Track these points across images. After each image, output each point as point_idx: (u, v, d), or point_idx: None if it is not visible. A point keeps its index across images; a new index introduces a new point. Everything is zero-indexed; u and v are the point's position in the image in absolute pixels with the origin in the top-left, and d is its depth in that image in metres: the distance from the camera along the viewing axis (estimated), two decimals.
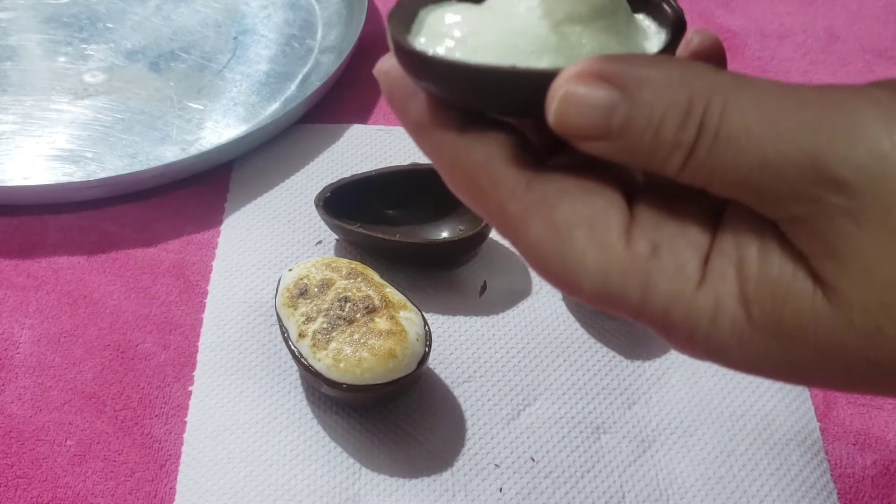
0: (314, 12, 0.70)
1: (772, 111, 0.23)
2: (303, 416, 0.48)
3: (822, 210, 0.23)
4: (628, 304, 0.25)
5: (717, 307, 0.25)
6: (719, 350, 0.25)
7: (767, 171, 0.23)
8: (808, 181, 0.23)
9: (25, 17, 0.70)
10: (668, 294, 0.25)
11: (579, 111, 0.24)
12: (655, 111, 0.24)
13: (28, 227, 0.56)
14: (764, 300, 0.24)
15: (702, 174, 0.24)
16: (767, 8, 0.73)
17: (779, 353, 0.25)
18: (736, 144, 0.23)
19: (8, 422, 0.48)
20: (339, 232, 0.54)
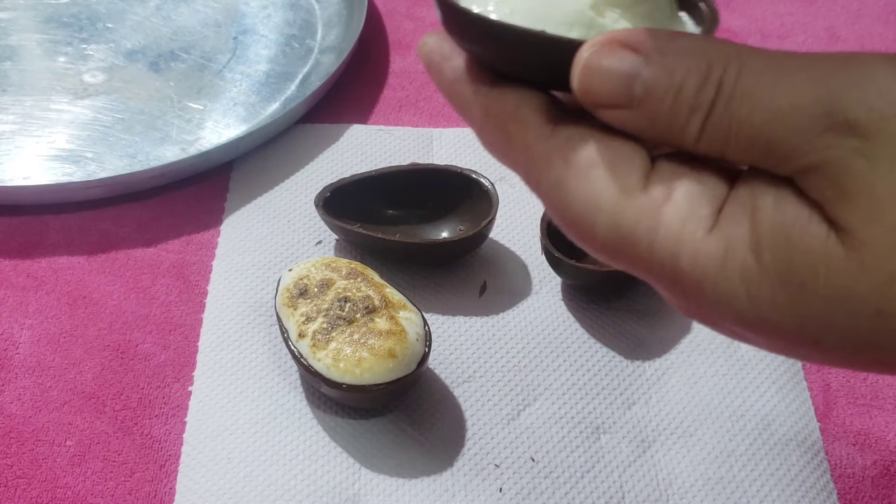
0: (314, 12, 0.70)
1: (785, 70, 0.24)
2: (303, 416, 0.48)
3: (836, 155, 0.23)
4: (638, 250, 0.25)
5: (728, 251, 0.25)
6: (727, 301, 0.25)
7: (781, 123, 0.24)
8: (821, 128, 0.23)
9: (25, 17, 0.70)
10: (678, 237, 0.25)
11: (602, 78, 0.25)
12: (676, 76, 0.24)
13: (28, 227, 0.56)
14: (776, 244, 0.24)
15: (718, 136, 0.24)
16: (767, 8, 0.73)
17: (786, 303, 0.24)
18: (750, 101, 0.24)
19: (8, 422, 0.48)
20: (339, 232, 0.54)
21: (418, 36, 0.70)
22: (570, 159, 0.26)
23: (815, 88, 0.24)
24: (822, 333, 0.25)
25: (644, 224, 0.25)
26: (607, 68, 0.25)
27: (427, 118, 0.64)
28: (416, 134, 0.62)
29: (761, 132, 0.24)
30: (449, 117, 0.64)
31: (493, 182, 0.55)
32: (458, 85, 0.28)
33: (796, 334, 0.25)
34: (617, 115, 0.26)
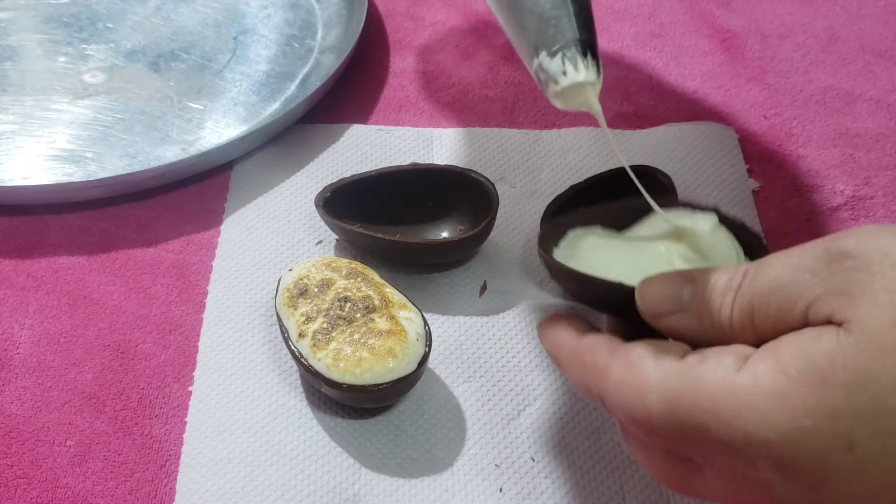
0: (314, 12, 0.70)
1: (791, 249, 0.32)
2: (303, 416, 0.48)
3: (837, 275, 0.29)
4: (688, 408, 0.31)
5: (757, 379, 0.30)
6: (764, 418, 0.29)
7: (792, 273, 0.31)
8: (823, 263, 0.30)
9: (25, 17, 0.70)
10: (713, 382, 0.30)
11: (660, 294, 0.34)
12: (713, 278, 0.33)
13: (28, 227, 0.56)
14: (798, 359, 0.29)
15: (746, 305, 0.31)
16: (767, 8, 0.73)
17: (815, 403, 0.28)
18: (768, 270, 0.31)
19: (8, 422, 0.48)
20: (339, 232, 0.54)
21: (418, 36, 0.70)
22: (625, 361, 0.33)
23: (814, 244, 0.31)
24: (853, 427, 0.28)
25: (686, 383, 0.31)
26: (663, 286, 0.34)
27: (427, 118, 0.64)
28: (416, 134, 0.62)
29: (779, 286, 0.31)
30: (449, 117, 0.64)
31: (493, 182, 0.55)
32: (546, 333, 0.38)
33: (830, 435, 0.28)
34: (671, 320, 0.34)
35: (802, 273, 0.30)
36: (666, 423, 0.31)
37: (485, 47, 0.69)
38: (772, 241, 0.56)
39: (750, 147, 0.62)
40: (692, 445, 0.31)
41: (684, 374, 0.31)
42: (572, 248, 0.42)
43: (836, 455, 0.28)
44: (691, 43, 0.70)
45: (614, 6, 0.73)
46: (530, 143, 0.62)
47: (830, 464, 0.28)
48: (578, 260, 0.41)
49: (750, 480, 0.30)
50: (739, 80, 0.67)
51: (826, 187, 0.60)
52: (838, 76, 0.68)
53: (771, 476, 0.30)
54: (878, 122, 0.64)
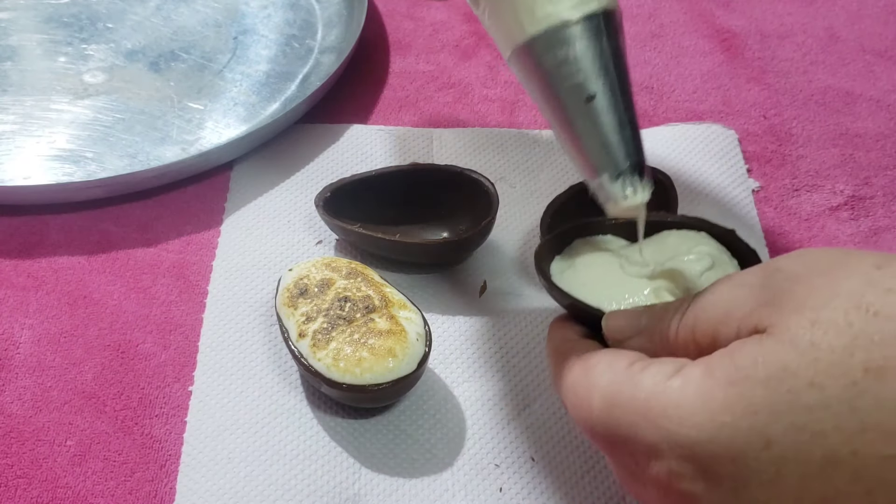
0: (314, 12, 0.71)
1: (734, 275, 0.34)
2: (303, 416, 0.48)
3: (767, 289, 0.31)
4: (623, 407, 0.32)
5: (686, 381, 0.31)
6: (687, 416, 0.30)
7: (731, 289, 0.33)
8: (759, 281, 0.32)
9: (25, 17, 0.70)
10: (649, 385, 0.32)
11: (618, 324, 0.37)
12: (665, 305, 0.36)
13: (28, 227, 0.56)
14: (723, 362, 0.30)
15: (689, 323, 0.34)
16: (767, 8, 0.73)
17: (736, 399, 0.29)
18: (711, 291, 0.34)
19: (8, 422, 0.48)
20: (339, 232, 0.54)
21: (418, 36, 0.70)
22: (584, 364, 0.36)
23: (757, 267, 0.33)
24: (769, 422, 0.28)
25: (626, 385, 0.33)
26: (625, 317, 0.37)
27: (427, 118, 0.64)
28: (416, 134, 0.62)
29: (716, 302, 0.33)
30: (449, 117, 0.64)
31: (493, 182, 0.55)
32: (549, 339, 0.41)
33: (748, 432, 0.29)
34: (629, 344, 0.36)
35: (739, 290, 0.32)
36: (604, 422, 0.33)
37: (485, 47, 0.69)
38: (771, 240, 0.56)
39: (750, 147, 0.62)
40: (625, 449, 0.33)
41: (627, 378, 0.33)
42: (573, 257, 0.43)
43: (753, 453, 0.29)
44: (691, 43, 0.70)
45: None
46: (530, 143, 0.62)
47: (749, 463, 0.29)
48: (573, 272, 0.43)
49: (674, 492, 0.31)
50: (739, 80, 0.67)
51: (826, 187, 0.60)
52: (838, 76, 0.68)
53: (693, 487, 0.30)
54: (878, 122, 0.64)
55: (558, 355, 0.38)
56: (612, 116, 0.37)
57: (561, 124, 0.39)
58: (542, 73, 0.37)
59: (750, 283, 0.32)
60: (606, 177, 0.38)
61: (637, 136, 0.38)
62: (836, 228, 0.57)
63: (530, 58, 0.38)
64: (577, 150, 0.39)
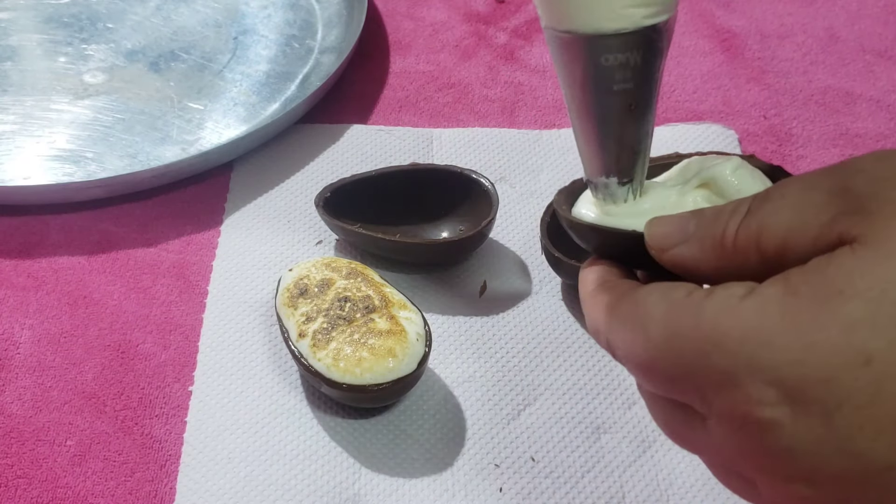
0: (314, 12, 0.71)
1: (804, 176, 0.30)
2: (303, 416, 0.48)
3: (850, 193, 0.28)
4: (687, 336, 0.29)
5: (765, 301, 0.27)
6: (771, 339, 0.27)
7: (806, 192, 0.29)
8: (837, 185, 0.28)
9: (25, 17, 0.70)
10: (717, 309, 0.28)
11: (665, 228, 0.33)
12: (717, 207, 0.31)
13: (28, 227, 0.56)
14: (809, 278, 0.27)
15: (753, 229, 0.29)
16: (767, 8, 0.73)
17: (829, 318, 0.26)
18: (780, 193, 0.29)
19: (8, 422, 0.48)
20: (339, 232, 0.54)
21: (418, 36, 0.70)
22: (633, 299, 0.32)
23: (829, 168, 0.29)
24: (870, 338, 0.26)
25: (688, 312, 0.29)
26: (670, 220, 0.33)
27: (427, 118, 0.64)
28: (416, 134, 0.62)
29: (789, 205, 0.29)
30: (449, 117, 0.64)
31: (493, 182, 0.55)
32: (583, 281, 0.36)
33: (845, 349, 0.26)
34: (676, 252, 0.32)
35: (813, 193, 0.29)
36: (665, 355, 0.29)
37: (485, 47, 0.69)
38: None
39: (750, 147, 0.62)
40: (691, 383, 0.29)
41: (688, 305, 0.29)
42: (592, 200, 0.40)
43: (850, 372, 0.26)
44: (691, 43, 0.70)
45: None
46: (530, 143, 0.62)
47: (845, 384, 0.26)
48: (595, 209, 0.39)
49: (753, 423, 0.27)
50: (739, 80, 0.67)
51: None
52: (838, 76, 0.68)
53: (776, 413, 0.27)
54: (878, 122, 0.64)
55: (596, 296, 0.34)
56: (644, 128, 0.37)
57: (587, 118, 0.37)
58: (593, 68, 0.36)
59: (826, 187, 0.28)
60: (615, 180, 0.38)
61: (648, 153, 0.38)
62: None
63: (586, 50, 0.36)
64: (595, 148, 0.37)
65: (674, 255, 0.32)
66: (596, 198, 0.38)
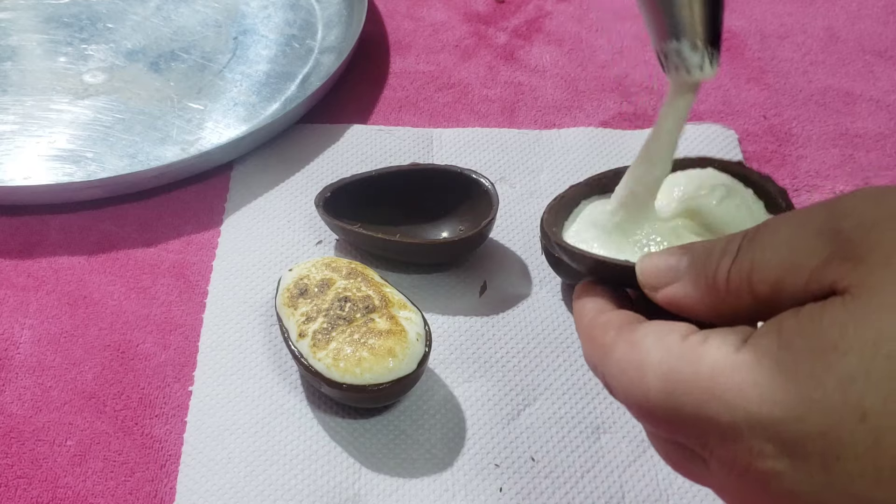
0: (314, 12, 0.71)
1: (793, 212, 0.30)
2: (303, 416, 0.48)
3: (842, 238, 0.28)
4: (686, 387, 0.29)
5: (760, 353, 0.28)
6: (769, 395, 0.27)
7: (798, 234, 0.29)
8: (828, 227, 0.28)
9: (25, 17, 0.70)
10: (714, 361, 0.29)
11: (657, 267, 0.33)
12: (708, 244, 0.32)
13: (28, 227, 0.56)
14: (803, 330, 0.27)
15: (744, 270, 0.30)
16: (767, 8, 0.73)
17: (824, 373, 0.27)
18: (771, 233, 0.30)
19: (8, 422, 0.48)
20: (339, 232, 0.54)
21: (418, 36, 0.70)
22: (629, 339, 0.32)
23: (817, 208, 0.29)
24: (865, 393, 0.26)
25: (686, 360, 0.29)
26: (661, 258, 0.33)
27: (427, 118, 0.64)
28: (416, 134, 0.62)
29: (780, 247, 0.29)
30: (449, 117, 0.64)
31: (493, 182, 0.55)
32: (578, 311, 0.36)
33: (841, 405, 0.26)
34: (668, 291, 0.32)
35: (804, 235, 0.29)
36: (664, 404, 0.30)
37: (485, 47, 0.69)
38: None
39: (750, 147, 0.62)
40: (691, 432, 0.30)
41: (685, 353, 0.30)
42: (582, 219, 0.41)
43: (848, 426, 0.26)
44: None
45: (614, 6, 0.73)
46: (530, 143, 0.62)
47: (843, 437, 0.26)
48: (585, 233, 0.40)
49: (754, 472, 0.28)
50: (739, 80, 0.67)
51: (826, 187, 0.60)
52: (838, 76, 0.68)
53: (777, 465, 0.27)
54: (878, 122, 0.64)
55: (592, 330, 0.34)
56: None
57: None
58: None
59: (817, 228, 0.28)
60: (687, 44, 0.36)
61: (722, 18, 0.37)
62: None
63: None
64: (665, 11, 0.36)
65: (666, 295, 0.33)
66: (669, 75, 0.37)
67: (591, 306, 0.36)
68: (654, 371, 0.30)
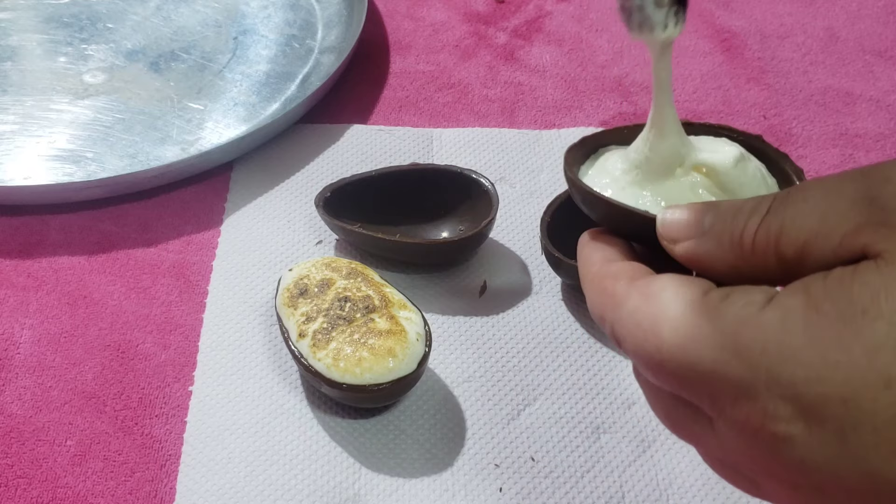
0: (314, 12, 0.71)
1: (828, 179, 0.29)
2: (303, 416, 0.48)
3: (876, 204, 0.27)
4: (705, 342, 0.28)
5: (787, 313, 0.27)
6: (793, 355, 0.26)
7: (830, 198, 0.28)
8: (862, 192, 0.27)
9: (25, 17, 0.70)
10: (737, 318, 0.28)
11: (678, 219, 0.32)
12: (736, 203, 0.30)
13: (28, 227, 0.56)
14: (832, 293, 0.26)
15: (774, 230, 0.29)
16: (767, 8, 0.73)
17: (852, 338, 0.26)
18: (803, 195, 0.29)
19: (8, 422, 0.48)
20: (339, 232, 0.54)
21: (418, 36, 0.70)
22: (644, 291, 0.30)
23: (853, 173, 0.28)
24: (893, 361, 0.25)
25: (705, 317, 0.28)
26: (685, 211, 0.32)
27: (427, 118, 0.64)
28: (416, 134, 0.62)
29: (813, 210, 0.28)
30: (449, 117, 0.64)
31: (493, 182, 0.55)
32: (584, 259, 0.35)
33: (867, 370, 0.26)
34: (689, 245, 0.31)
35: (838, 199, 0.28)
36: (677, 358, 0.29)
37: (485, 47, 0.69)
38: None
39: None
40: (703, 389, 0.28)
41: (705, 308, 0.28)
42: (602, 167, 0.39)
43: (871, 394, 0.25)
44: (691, 43, 0.70)
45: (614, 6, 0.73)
46: (530, 143, 0.62)
47: (864, 405, 0.26)
48: (602, 180, 0.38)
49: (766, 435, 0.27)
50: (739, 80, 0.67)
51: None
52: (838, 76, 0.68)
53: (791, 428, 0.27)
54: (878, 122, 0.64)
55: (602, 280, 0.33)
56: None
57: None
58: None
59: (852, 194, 0.28)
60: (651, 1, 0.35)
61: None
62: None
63: None
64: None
65: (687, 249, 0.31)
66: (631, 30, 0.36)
67: (598, 255, 0.34)
68: (671, 324, 0.29)
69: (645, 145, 0.38)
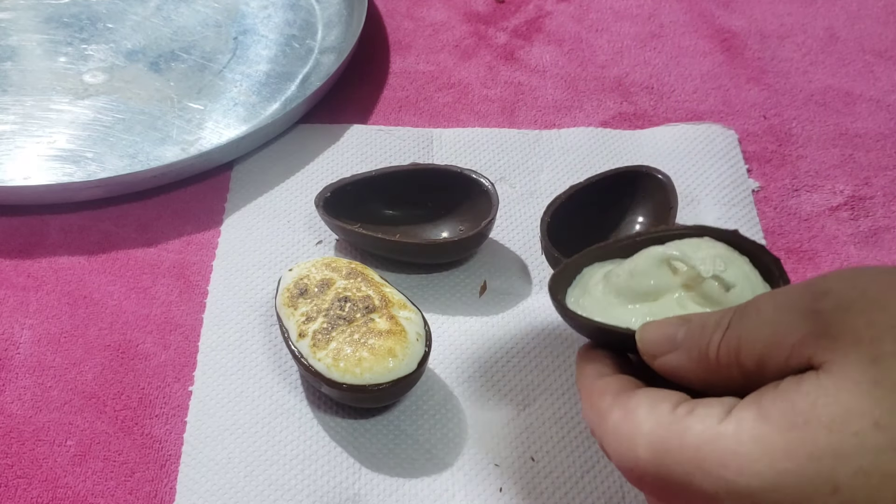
0: (314, 12, 0.71)
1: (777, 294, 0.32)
2: (303, 416, 0.48)
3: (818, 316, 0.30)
4: (673, 456, 0.31)
5: (740, 426, 0.30)
6: (747, 466, 0.29)
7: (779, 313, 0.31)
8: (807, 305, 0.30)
9: (25, 17, 0.70)
10: (698, 434, 0.31)
11: (656, 335, 0.35)
12: (703, 318, 0.34)
13: (28, 227, 0.56)
14: (779, 405, 0.29)
15: (734, 342, 0.32)
16: (767, 8, 0.73)
17: (796, 446, 0.28)
18: (756, 311, 0.32)
19: (8, 422, 0.48)
20: (339, 232, 0.54)
21: (418, 36, 0.70)
22: (623, 407, 0.34)
23: (798, 287, 0.32)
24: (836, 467, 0.27)
25: (673, 431, 0.31)
26: (660, 327, 0.35)
27: (427, 118, 0.64)
28: (416, 134, 0.62)
29: (764, 325, 0.31)
30: (449, 117, 0.64)
31: (493, 182, 0.55)
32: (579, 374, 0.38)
33: (814, 478, 0.28)
34: (665, 360, 0.35)
35: (786, 313, 0.31)
36: (652, 472, 0.32)
37: (485, 47, 0.69)
38: (771, 241, 0.56)
39: (750, 147, 0.62)
40: (678, 498, 0.32)
41: (673, 424, 0.32)
42: (586, 284, 0.42)
43: (820, 499, 0.28)
44: (691, 43, 0.70)
45: (614, 6, 0.73)
46: (530, 143, 0.62)
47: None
48: (589, 298, 0.41)
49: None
50: (739, 80, 0.67)
51: (826, 187, 0.60)
52: (838, 76, 0.68)
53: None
54: (878, 122, 0.64)
55: (592, 394, 0.36)
56: None
57: None
58: None
59: (798, 307, 0.31)
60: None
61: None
62: (836, 228, 0.57)
63: None
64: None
65: (663, 363, 0.35)
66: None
67: (590, 369, 0.38)
68: (644, 441, 0.32)
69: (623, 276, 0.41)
